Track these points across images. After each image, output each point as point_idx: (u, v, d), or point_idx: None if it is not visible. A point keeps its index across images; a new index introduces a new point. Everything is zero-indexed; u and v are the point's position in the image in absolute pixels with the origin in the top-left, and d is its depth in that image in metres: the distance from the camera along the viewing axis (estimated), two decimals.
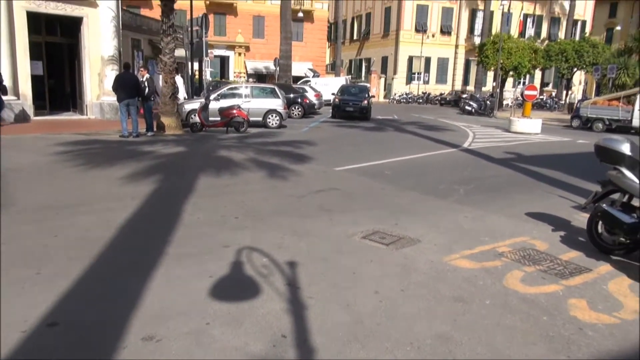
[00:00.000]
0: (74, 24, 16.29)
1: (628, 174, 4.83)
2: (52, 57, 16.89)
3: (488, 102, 30.37)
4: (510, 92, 39.98)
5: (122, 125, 12.60)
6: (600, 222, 5.00)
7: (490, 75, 41.22)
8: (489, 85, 42.42)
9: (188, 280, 3.95)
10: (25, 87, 15.14)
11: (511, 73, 34.87)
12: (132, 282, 3.88)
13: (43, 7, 15.22)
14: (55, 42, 17.10)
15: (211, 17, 35.06)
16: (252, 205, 6.44)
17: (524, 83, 41.44)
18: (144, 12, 33.24)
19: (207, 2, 38.10)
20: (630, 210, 4.84)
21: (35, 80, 15.69)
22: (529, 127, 18.58)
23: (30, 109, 15.35)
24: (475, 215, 6.29)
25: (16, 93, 14.84)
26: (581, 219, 6.01)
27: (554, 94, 43.82)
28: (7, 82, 14.34)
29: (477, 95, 36.10)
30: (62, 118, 16.39)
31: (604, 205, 4.93)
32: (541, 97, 40.54)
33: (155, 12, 28.10)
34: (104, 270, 4.15)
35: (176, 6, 14.52)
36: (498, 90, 32.86)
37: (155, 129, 13.59)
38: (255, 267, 4.28)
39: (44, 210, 5.83)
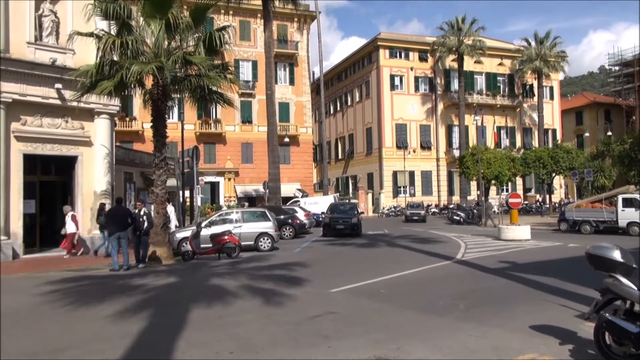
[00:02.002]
0: (69, 162, 16.86)
1: (624, 281, 4.82)
2: (45, 195, 17.21)
3: (475, 210, 30.94)
4: (495, 200, 40.96)
5: (113, 259, 12.49)
6: (607, 333, 4.86)
7: (473, 184, 42.52)
8: (474, 194, 43.56)
9: None
10: (17, 225, 15.20)
11: (493, 182, 36.04)
12: None
13: (40, 149, 15.87)
14: (50, 181, 17.54)
15: (201, 146, 36.75)
16: (247, 337, 6.19)
17: (506, 190, 42.70)
18: (137, 146, 34.72)
19: (197, 133, 40.03)
20: (635, 318, 4.74)
21: (27, 217, 15.83)
22: (519, 233, 18.76)
23: (20, 248, 15.25)
24: (479, 333, 6.10)
25: (7, 232, 14.84)
26: (587, 329, 5.84)
27: (540, 198, 44.93)
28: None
29: (464, 205, 36.89)
30: (52, 255, 16.20)
31: (608, 315, 4.84)
32: (525, 202, 41.52)
33: (147, 145, 29.35)
34: None
35: (167, 139, 15.20)
36: (483, 199, 33.67)
37: (146, 261, 13.45)
38: None
39: (25, 358, 5.53)
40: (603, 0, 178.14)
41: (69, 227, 15.44)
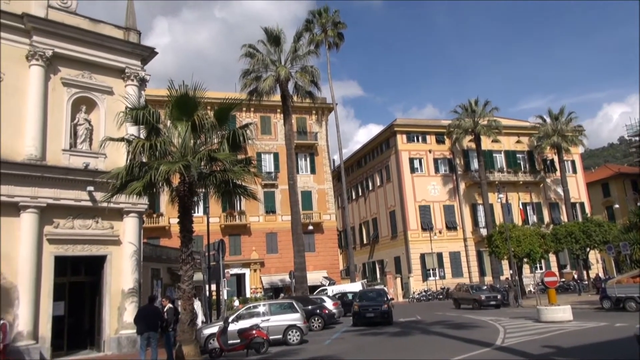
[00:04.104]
0: (98, 262, 17.06)
1: None
2: (74, 296, 17.26)
3: (511, 292, 29.71)
4: (529, 278, 39.42)
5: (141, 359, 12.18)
6: None
7: (505, 263, 41.18)
8: (507, 273, 42.08)
9: None
10: (45, 329, 15.10)
11: (525, 260, 34.90)
12: None
13: (70, 250, 16.18)
14: (79, 282, 17.68)
15: (226, 238, 36.99)
16: None
17: (540, 268, 41.18)
18: (164, 241, 35.18)
19: (222, 225, 40.49)
20: None
21: (55, 320, 15.75)
22: (560, 314, 17.81)
23: (47, 352, 15.04)
24: None
25: (35, 336, 14.73)
26: None
27: (575, 275, 43.06)
28: (27, 325, 14.41)
29: (497, 285, 35.51)
30: (80, 358, 15.93)
31: None
32: (562, 280, 39.82)
33: (174, 240, 29.72)
34: None
35: (193, 233, 15.35)
36: (517, 278, 32.46)
37: None
38: None
39: None
40: (613, 75, 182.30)
41: (6, 338, 13.74)
